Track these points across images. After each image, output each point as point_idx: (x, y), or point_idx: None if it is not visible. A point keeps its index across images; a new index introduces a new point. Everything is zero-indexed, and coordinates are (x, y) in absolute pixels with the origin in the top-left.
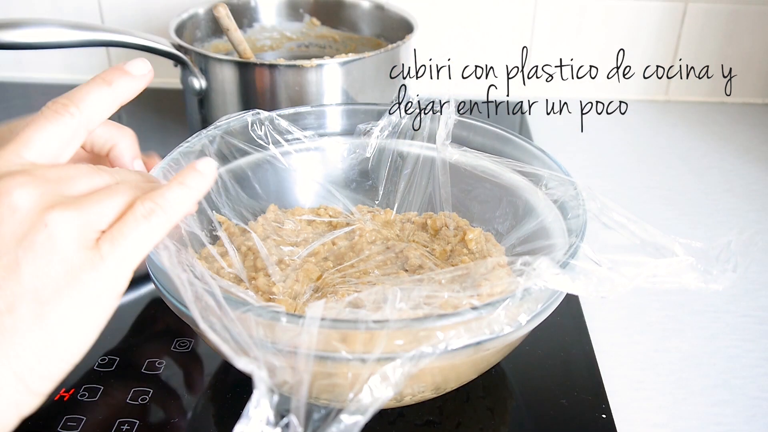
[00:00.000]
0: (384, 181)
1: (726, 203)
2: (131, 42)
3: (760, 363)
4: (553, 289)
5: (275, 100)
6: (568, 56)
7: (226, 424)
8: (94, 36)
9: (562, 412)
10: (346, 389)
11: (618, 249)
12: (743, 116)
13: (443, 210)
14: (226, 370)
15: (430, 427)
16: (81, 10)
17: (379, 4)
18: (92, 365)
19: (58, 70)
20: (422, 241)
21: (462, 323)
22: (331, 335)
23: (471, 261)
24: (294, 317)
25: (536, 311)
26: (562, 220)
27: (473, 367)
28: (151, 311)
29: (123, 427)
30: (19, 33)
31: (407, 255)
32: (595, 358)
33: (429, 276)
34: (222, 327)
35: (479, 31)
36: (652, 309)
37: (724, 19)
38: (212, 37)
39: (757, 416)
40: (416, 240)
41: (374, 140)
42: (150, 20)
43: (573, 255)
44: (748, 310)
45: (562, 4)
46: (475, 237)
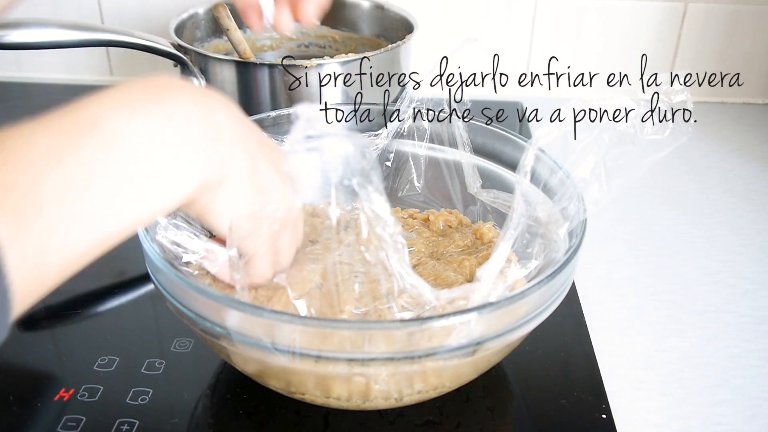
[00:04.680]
0: (384, 180)
1: (726, 203)
2: (131, 42)
3: (760, 363)
4: (553, 288)
5: (275, 100)
6: (567, 56)
7: (226, 424)
8: (94, 36)
9: (562, 412)
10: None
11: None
12: (743, 116)
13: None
14: (226, 370)
15: (430, 427)
16: (81, 10)
17: (379, 4)
18: (92, 365)
19: (58, 70)
20: (426, 237)
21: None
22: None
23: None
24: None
25: (536, 311)
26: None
27: (473, 367)
28: (151, 311)
29: (123, 427)
30: (19, 33)
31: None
32: (595, 358)
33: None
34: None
35: (479, 31)
36: (652, 309)
37: (724, 19)
38: (212, 37)
39: (757, 416)
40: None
41: (382, 140)
42: (150, 20)
43: (573, 255)
44: (748, 310)
45: (562, 4)
46: (491, 231)
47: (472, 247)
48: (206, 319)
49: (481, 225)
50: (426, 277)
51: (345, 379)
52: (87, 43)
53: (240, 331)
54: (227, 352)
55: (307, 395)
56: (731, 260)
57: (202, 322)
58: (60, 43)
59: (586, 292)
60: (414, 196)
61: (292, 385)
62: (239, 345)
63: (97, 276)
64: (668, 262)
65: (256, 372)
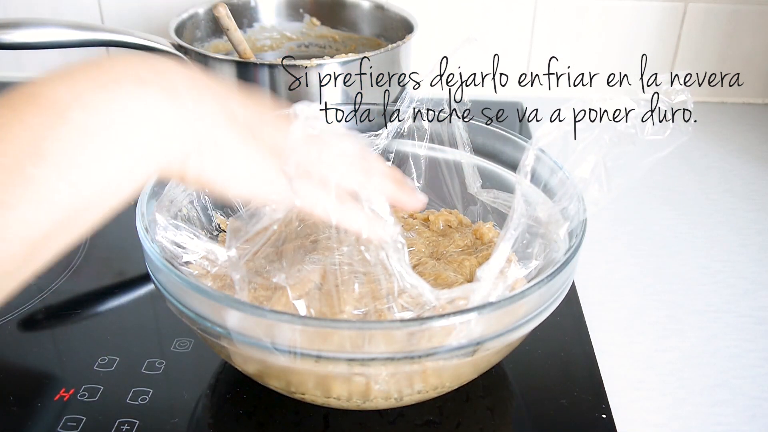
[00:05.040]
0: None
1: (726, 203)
2: (131, 42)
3: (760, 363)
4: (555, 285)
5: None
6: (567, 56)
7: (226, 424)
8: (94, 36)
9: (562, 412)
10: (338, 387)
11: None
12: (743, 116)
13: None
14: (226, 370)
15: (430, 427)
16: (81, 10)
17: (379, 4)
18: (92, 365)
19: None
20: (426, 237)
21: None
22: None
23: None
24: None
25: (536, 311)
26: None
27: (473, 367)
28: (151, 311)
29: (123, 427)
30: (19, 33)
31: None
32: (595, 358)
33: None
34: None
35: (479, 31)
36: (652, 309)
37: (724, 19)
38: (212, 37)
39: (757, 416)
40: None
41: (382, 140)
42: (150, 20)
43: (573, 255)
44: (748, 310)
45: (562, 4)
46: (491, 231)
47: (472, 247)
48: (206, 319)
49: (481, 225)
50: (426, 277)
51: (345, 379)
52: (87, 43)
53: (240, 331)
54: (227, 352)
55: (307, 395)
56: (731, 260)
57: (202, 322)
58: (60, 43)
59: (586, 292)
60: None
61: (292, 385)
62: (239, 345)
63: (97, 276)
64: (668, 262)
65: (256, 372)
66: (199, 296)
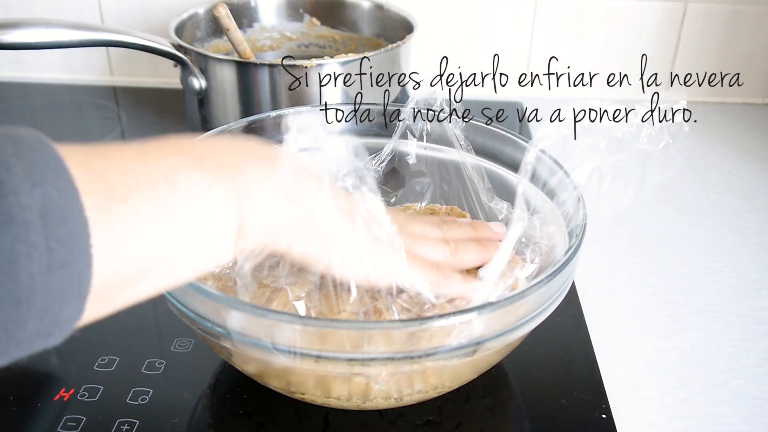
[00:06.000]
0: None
1: (726, 203)
2: (131, 42)
3: (760, 363)
4: (556, 283)
5: (275, 101)
6: (567, 56)
7: (226, 424)
8: (94, 36)
9: (562, 412)
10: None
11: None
12: (743, 116)
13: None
14: (226, 370)
15: (430, 427)
16: (81, 10)
17: (379, 4)
18: (92, 365)
19: (58, 70)
20: None
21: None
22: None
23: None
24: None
25: (536, 311)
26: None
27: (473, 367)
28: (151, 311)
29: (123, 427)
30: (19, 33)
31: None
32: (595, 358)
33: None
34: None
35: (479, 31)
36: (652, 309)
37: (724, 19)
38: (212, 37)
39: (757, 416)
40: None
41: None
42: (150, 20)
43: (573, 255)
44: (748, 310)
45: (562, 4)
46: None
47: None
48: (206, 319)
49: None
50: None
51: (345, 379)
52: (87, 43)
53: (240, 331)
54: (227, 352)
55: (307, 395)
56: (731, 260)
57: (202, 322)
58: (60, 43)
59: (586, 292)
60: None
61: (292, 385)
62: (239, 345)
63: None
64: (668, 262)
65: (256, 372)
66: (200, 296)
